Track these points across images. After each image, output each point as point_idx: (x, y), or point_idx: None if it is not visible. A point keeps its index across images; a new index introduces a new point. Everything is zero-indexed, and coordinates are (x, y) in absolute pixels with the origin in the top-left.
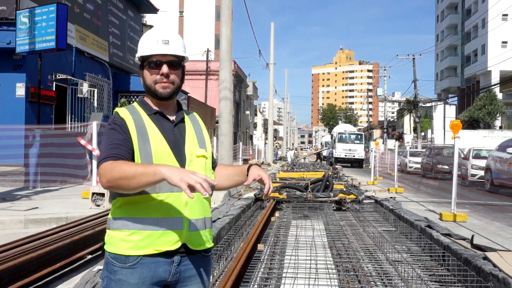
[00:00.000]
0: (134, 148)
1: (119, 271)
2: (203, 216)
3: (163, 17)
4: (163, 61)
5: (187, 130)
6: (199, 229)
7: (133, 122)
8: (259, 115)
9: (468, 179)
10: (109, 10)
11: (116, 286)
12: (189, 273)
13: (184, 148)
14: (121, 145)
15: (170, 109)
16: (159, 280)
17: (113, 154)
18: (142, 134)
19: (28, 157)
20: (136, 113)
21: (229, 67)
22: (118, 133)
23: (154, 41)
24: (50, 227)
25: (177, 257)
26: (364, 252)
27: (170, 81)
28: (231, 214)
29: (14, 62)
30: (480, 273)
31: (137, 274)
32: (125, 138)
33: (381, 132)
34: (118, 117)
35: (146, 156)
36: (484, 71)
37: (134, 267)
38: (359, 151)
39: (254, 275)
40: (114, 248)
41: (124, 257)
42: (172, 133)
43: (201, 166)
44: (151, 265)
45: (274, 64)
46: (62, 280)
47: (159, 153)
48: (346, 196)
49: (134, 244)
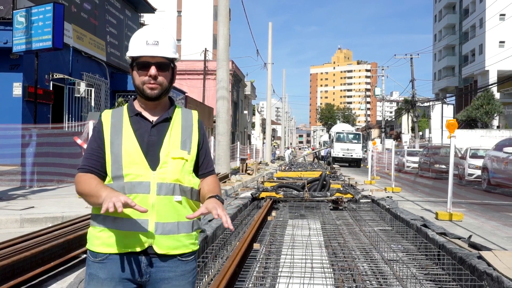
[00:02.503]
0: (106, 151)
1: (91, 265)
2: (177, 220)
3: (160, 17)
4: (152, 62)
5: (170, 130)
6: (170, 233)
7: (109, 124)
8: (257, 115)
9: (465, 178)
10: (107, 9)
11: (88, 279)
12: (162, 275)
13: (159, 149)
14: (93, 154)
15: (157, 109)
16: (128, 277)
17: (85, 166)
18: (117, 136)
19: (25, 156)
20: (118, 115)
21: (227, 67)
22: (93, 141)
23: (144, 42)
24: (45, 226)
25: (145, 257)
26: (360, 251)
27: (158, 83)
28: (227, 213)
29: (11, 62)
30: (475, 272)
31: (106, 269)
32: (98, 146)
33: (379, 132)
34: (99, 121)
35: (115, 159)
36: (482, 70)
37: (103, 262)
38: (357, 150)
39: (250, 274)
40: (89, 244)
41: (95, 253)
42: (147, 134)
43: (176, 169)
44: (119, 262)
45: (272, 63)
46: (56, 279)
47: (129, 154)
48: (343, 196)
49: (102, 241)
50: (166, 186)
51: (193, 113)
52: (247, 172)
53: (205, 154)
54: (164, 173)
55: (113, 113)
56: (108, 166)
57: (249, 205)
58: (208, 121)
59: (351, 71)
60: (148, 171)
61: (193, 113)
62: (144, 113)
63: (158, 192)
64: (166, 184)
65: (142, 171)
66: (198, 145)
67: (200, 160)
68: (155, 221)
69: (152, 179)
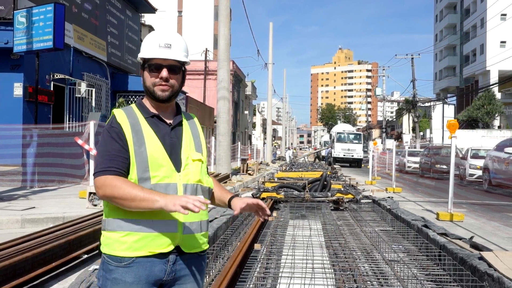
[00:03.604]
0: (130, 153)
1: (115, 270)
2: (199, 219)
3: (161, 17)
4: (164, 65)
5: (184, 133)
6: (194, 232)
7: (129, 126)
8: (258, 115)
9: (466, 178)
10: (107, 10)
11: (112, 285)
12: (184, 272)
13: (180, 151)
14: (118, 156)
15: (168, 112)
16: (155, 279)
17: (112, 168)
18: (139, 138)
19: (26, 156)
20: (133, 116)
21: (227, 67)
22: (115, 142)
23: (156, 44)
24: (46, 227)
25: (172, 256)
26: (361, 251)
27: (169, 85)
28: (228, 213)
29: (11, 62)
30: (476, 273)
31: (133, 273)
32: (121, 147)
33: (380, 132)
34: (115, 122)
35: (141, 161)
36: (483, 70)
37: (130, 266)
38: (358, 151)
39: (251, 275)
40: (109, 249)
41: (119, 258)
42: (168, 137)
43: (197, 170)
44: (146, 264)
45: (272, 64)
46: (58, 280)
47: (155, 157)
48: (344, 196)
49: (128, 245)
50: (191, 186)
51: (194, 116)
52: (247, 173)
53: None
54: (188, 174)
55: (127, 113)
56: (133, 168)
57: None
58: (209, 121)
59: (352, 71)
60: (174, 173)
61: (195, 117)
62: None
63: (184, 192)
64: (190, 185)
65: (168, 173)
66: (205, 148)
67: None
68: (183, 221)
69: (178, 181)
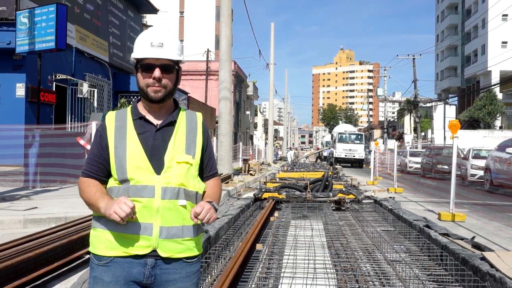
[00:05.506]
0: (110, 155)
1: (96, 269)
2: (181, 224)
3: (163, 17)
4: (156, 64)
5: (175, 134)
6: (174, 237)
7: (114, 128)
8: (259, 115)
9: (468, 179)
10: (109, 10)
11: (93, 283)
12: (167, 277)
13: (163, 153)
14: (94, 160)
15: (161, 112)
16: (133, 280)
17: (86, 171)
18: (121, 140)
19: (28, 157)
20: (122, 119)
21: (229, 67)
22: (95, 146)
23: (148, 44)
24: (49, 227)
25: (150, 259)
26: (363, 252)
27: (162, 85)
28: (230, 214)
29: (14, 63)
30: (477, 273)
31: (111, 273)
32: (98, 152)
33: (381, 132)
34: (102, 124)
35: (120, 163)
36: (484, 71)
37: (108, 265)
38: (359, 151)
39: (252, 275)
40: (92, 247)
41: (99, 256)
42: (152, 138)
43: (181, 173)
44: (124, 265)
45: (274, 64)
46: (60, 280)
47: (133, 159)
48: (345, 196)
49: (106, 245)
50: (171, 190)
51: (198, 115)
52: (249, 173)
53: (208, 158)
54: (169, 177)
55: (117, 116)
56: (113, 170)
57: (251, 206)
58: (211, 122)
59: (353, 71)
60: (153, 176)
61: (198, 116)
62: (148, 116)
63: (162, 196)
64: (170, 188)
65: (146, 175)
66: (202, 149)
67: (204, 163)
68: (160, 225)
69: (156, 183)
